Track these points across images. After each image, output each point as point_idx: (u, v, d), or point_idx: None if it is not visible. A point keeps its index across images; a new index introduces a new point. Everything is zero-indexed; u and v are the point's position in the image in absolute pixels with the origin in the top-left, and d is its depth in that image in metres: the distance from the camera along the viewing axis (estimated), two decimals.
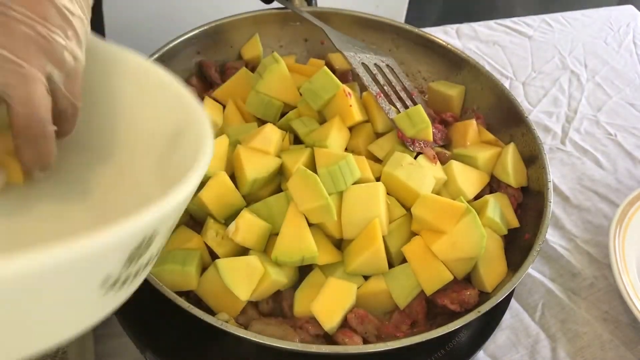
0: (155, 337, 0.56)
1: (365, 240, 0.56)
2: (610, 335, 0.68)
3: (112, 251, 0.30)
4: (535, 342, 0.67)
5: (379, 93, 0.66)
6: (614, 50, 1.09)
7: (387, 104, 0.66)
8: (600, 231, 0.79)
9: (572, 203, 0.82)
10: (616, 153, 0.90)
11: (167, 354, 0.55)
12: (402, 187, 0.59)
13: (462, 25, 1.07)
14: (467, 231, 0.55)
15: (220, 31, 0.73)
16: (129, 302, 0.57)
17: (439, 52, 0.75)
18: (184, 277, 0.53)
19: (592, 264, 0.75)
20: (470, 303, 0.56)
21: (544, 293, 0.71)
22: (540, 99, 0.97)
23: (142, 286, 0.50)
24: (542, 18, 1.13)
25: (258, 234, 0.55)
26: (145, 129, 0.46)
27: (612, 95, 1.00)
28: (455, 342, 0.59)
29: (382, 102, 0.65)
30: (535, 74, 1.01)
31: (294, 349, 0.48)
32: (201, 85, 0.71)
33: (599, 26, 1.14)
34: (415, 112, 0.64)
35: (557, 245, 0.76)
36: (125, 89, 0.46)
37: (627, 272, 0.70)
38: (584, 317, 0.69)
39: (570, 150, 0.90)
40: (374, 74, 0.68)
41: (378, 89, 0.66)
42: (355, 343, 0.53)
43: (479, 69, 0.72)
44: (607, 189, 0.84)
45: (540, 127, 0.92)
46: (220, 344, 0.56)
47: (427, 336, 0.49)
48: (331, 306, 0.53)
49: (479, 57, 1.01)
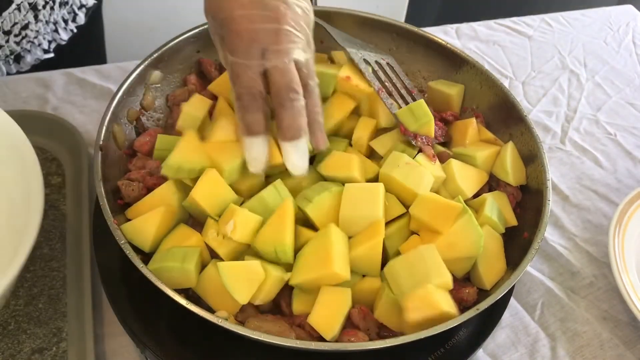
0: (155, 336, 0.56)
1: (365, 236, 0.56)
2: (610, 334, 0.68)
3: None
4: (534, 341, 0.67)
5: (381, 88, 0.66)
6: (613, 50, 1.09)
7: (388, 99, 0.66)
8: (599, 230, 0.79)
9: (572, 202, 0.82)
10: (616, 152, 0.90)
11: (167, 353, 0.55)
12: (399, 187, 0.59)
13: (462, 25, 1.08)
14: (464, 231, 0.55)
15: None
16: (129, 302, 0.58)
17: (438, 51, 0.75)
18: (183, 275, 0.53)
19: (592, 263, 0.75)
20: (469, 301, 0.56)
21: (543, 292, 0.71)
22: (540, 99, 0.97)
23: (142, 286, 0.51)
24: (542, 18, 1.13)
25: (256, 229, 0.55)
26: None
27: (612, 95, 1.00)
28: (454, 341, 0.59)
29: (384, 97, 0.65)
30: (535, 73, 1.01)
31: (294, 347, 0.48)
32: (200, 82, 0.72)
33: (598, 26, 1.15)
34: (418, 106, 0.64)
35: (556, 244, 0.76)
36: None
37: (627, 271, 0.70)
38: (584, 316, 0.69)
39: (569, 149, 0.90)
40: (375, 71, 0.68)
41: (380, 84, 0.66)
42: (361, 340, 0.53)
43: (479, 68, 0.72)
44: (607, 188, 0.85)
45: (540, 127, 0.92)
46: (220, 342, 0.56)
47: (426, 333, 0.49)
48: (329, 316, 0.53)
49: (479, 57, 1.01)
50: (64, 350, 0.57)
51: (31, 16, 0.84)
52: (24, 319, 0.59)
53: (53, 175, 0.71)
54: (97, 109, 0.82)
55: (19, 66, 0.89)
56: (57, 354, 0.57)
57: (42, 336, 0.58)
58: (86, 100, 0.83)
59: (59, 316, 0.59)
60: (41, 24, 0.85)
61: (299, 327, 0.54)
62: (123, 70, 0.85)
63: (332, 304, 0.53)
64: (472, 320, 0.51)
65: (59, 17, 0.89)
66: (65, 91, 0.83)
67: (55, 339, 0.58)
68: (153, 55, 0.68)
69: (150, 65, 0.68)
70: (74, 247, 0.64)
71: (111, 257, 0.59)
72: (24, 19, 0.83)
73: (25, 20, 0.83)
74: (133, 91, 0.66)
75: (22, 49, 0.87)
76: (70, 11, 0.90)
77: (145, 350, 0.56)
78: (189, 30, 0.71)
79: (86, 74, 0.85)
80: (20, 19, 0.83)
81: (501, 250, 0.60)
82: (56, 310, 0.60)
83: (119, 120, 0.64)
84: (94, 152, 0.59)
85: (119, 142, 0.64)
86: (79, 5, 0.91)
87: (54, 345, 0.57)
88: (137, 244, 0.55)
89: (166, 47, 0.69)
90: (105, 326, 0.61)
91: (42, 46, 0.88)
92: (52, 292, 0.61)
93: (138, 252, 0.53)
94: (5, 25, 0.81)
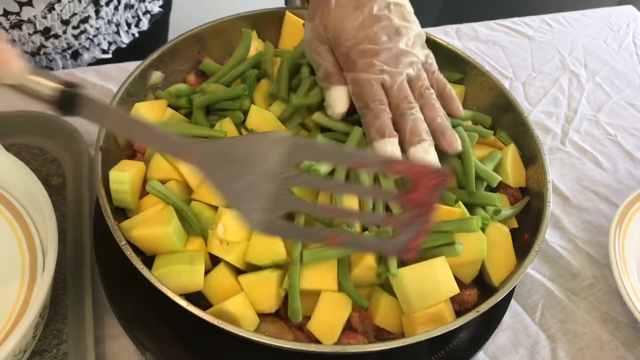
0: (155, 338, 0.56)
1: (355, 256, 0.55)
2: (610, 336, 0.68)
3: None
4: (535, 343, 0.67)
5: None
6: (614, 51, 1.09)
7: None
8: (600, 231, 0.79)
9: (572, 203, 0.82)
10: (616, 153, 0.90)
11: (167, 355, 0.55)
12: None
13: (462, 26, 1.07)
14: (465, 236, 0.55)
15: (221, 30, 0.73)
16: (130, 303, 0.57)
17: (439, 52, 0.75)
18: (193, 277, 0.53)
19: (592, 264, 0.75)
20: (470, 303, 0.56)
21: (543, 293, 0.71)
22: (540, 99, 0.97)
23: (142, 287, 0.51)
24: (542, 18, 1.13)
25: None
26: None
27: (612, 96, 1.00)
28: (455, 343, 0.59)
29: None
30: (535, 74, 1.01)
31: (294, 349, 0.48)
32: (199, 82, 0.71)
33: (599, 26, 1.14)
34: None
35: (556, 245, 0.76)
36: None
37: (627, 273, 0.70)
38: (584, 318, 0.69)
39: (570, 150, 0.90)
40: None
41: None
42: (360, 343, 0.52)
43: (479, 69, 0.72)
44: (607, 189, 0.84)
45: (540, 128, 0.92)
46: (220, 344, 0.56)
47: (426, 336, 0.49)
48: (329, 323, 0.52)
49: (479, 57, 1.01)
50: (64, 352, 0.57)
51: (92, 10, 0.83)
52: None
53: (53, 176, 0.71)
54: None
55: (75, 63, 0.89)
56: (58, 356, 0.57)
57: (42, 338, 0.58)
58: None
59: (60, 318, 0.59)
60: (102, 22, 0.85)
61: (298, 329, 0.54)
62: (124, 71, 0.85)
63: (333, 310, 0.53)
64: (472, 322, 0.51)
65: (122, 20, 0.89)
66: None
67: (55, 340, 0.58)
68: (153, 55, 0.68)
69: (151, 65, 0.68)
70: (74, 248, 0.64)
71: (111, 258, 0.59)
72: (84, 11, 0.83)
73: (86, 13, 0.83)
74: (134, 92, 0.66)
75: (81, 46, 0.86)
76: (134, 15, 0.90)
77: (145, 352, 0.56)
78: (189, 31, 0.71)
79: (87, 74, 0.85)
80: (80, 10, 0.82)
81: (509, 246, 0.59)
82: (56, 312, 0.60)
83: None
84: (94, 153, 0.59)
85: (120, 143, 0.64)
86: (144, 10, 0.91)
87: (54, 347, 0.57)
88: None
89: (166, 48, 0.69)
90: (106, 328, 0.61)
91: (101, 46, 0.88)
92: (53, 293, 0.60)
93: (139, 254, 0.53)
94: (64, 14, 0.81)
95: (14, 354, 0.51)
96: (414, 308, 0.52)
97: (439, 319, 0.52)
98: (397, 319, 0.54)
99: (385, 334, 0.55)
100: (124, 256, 0.51)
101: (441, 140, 0.58)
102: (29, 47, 0.84)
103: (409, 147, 0.56)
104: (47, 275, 0.54)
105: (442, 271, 0.53)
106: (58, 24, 0.82)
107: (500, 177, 0.62)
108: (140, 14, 0.91)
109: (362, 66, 0.58)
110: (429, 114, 0.58)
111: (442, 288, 0.52)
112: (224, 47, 0.73)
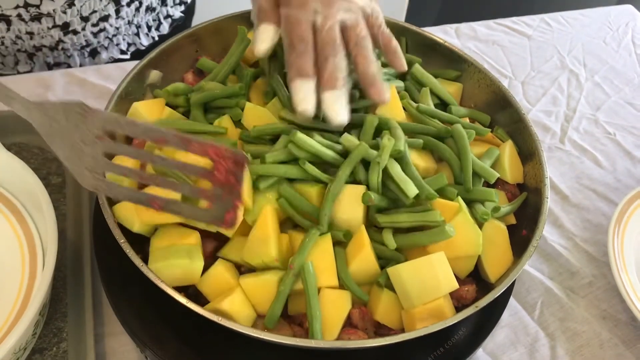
0: (155, 335, 0.56)
1: (354, 249, 0.55)
2: (609, 334, 0.68)
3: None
4: (534, 341, 0.67)
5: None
6: (613, 50, 1.09)
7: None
8: (599, 230, 0.79)
9: (571, 202, 0.82)
10: (615, 152, 0.90)
11: (167, 352, 0.55)
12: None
13: (462, 25, 1.08)
14: (461, 230, 0.55)
15: (218, 29, 0.73)
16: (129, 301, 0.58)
17: (437, 50, 0.76)
18: (191, 270, 0.53)
19: (591, 262, 0.75)
20: (468, 299, 0.56)
21: (542, 291, 0.71)
22: (539, 98, 0.97)
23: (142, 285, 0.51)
24: (541, 18, 1.13)
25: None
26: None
27: (611, 95, 1.00)
28: (454, 340, 0.59)
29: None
30: (535, 73, 1.01)
31: (294, 344, 0.48)
32: (197, 80, 0.71)
33: (598, 26, 1.15)
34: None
35: (555, 243, 0.76)
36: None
37: (626, 271, 0.70)
38: (583, 316, 0.69)
39: (569, 149, 0.90)
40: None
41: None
42: (360, 338, 0.52)
43: (476, 67, 0.72)
44: (606, 188, 0.85)
45: (539, 126, 0.92)
46: (219, 340, 0.56)
47: (425, 331, 0.49)
48: (329, 320, 0.52)
49: (478, 57, 1.01)
50: (64, 350, 0.57)
51: (112, 9, 0.83)
52: None
53: (53, 175, 0.71)
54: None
55: (93, 61, 0.89)
56: (58, 354, 0.57)
57: (42, 336, 0.58)
58: (86, 100, 0.81)
59: (60, 316, 0.59)
60: (122, 22, 0.85)
61: (297, 325, 0.54)
62: (123, 70, 0.85)
63: (333, 308, 0.53)
64: (471, 319, 0.51)
65: (143, 22, 0.88)
66: (65, 91, 0.83)
67: (55, 338, 0.58)
68: (152, 54, 0.68)
69: (149, 64, 0.68)
70: (74, 247, 0.64)
71: (111, 256, 0.59)
72: (104, 9, 0.83)
73: (106, 12, 0.83)
74: (132, 90, 0.66)
75: (99, 44, 0.86)
76: (155, 18, 0.90)
77: (145, 350, 0.56)
78: (187, 30, 0.71)
79: (86, 74, 0.85)
80: (100, 8, 0.82)
81: (506, 242, 0.59)
82: (56, 310, 0.60)
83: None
84: None
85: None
86: (165, 15, 0.91)
87: (54, 346, 0.57)
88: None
89: (164, 47, 0.69)
90: (106, 326, 0.61)
91: (120, 46, 0.88)
92: (53, 292, 0.61)
93: (138, 252, 0.53)
94: (84, 11, 0.81)
95: (14, 352, 0.51)
96: (414, 303, 0.52)
97: (438, 314, 0.52)
98: (397, 315, 0.54)
99: (386, 330, 0.55)
100: (123, 254, 0.51)
101: (370, 89, 0.58)
102: (47, 42, 0.84)
103: (323, 91, 0.57)
104: (47, 273, 0.54)
105: (441, 267, 0.53)
106: (77, 19, 0.82)
107: (498, 174, 0.62)
108: (162, 17, 0.90)
109: (297, 3, 0.58)
110: (361, 62, 0.58)
111: (442, 283, 0.52)
112: (222, 45, 0.73)
